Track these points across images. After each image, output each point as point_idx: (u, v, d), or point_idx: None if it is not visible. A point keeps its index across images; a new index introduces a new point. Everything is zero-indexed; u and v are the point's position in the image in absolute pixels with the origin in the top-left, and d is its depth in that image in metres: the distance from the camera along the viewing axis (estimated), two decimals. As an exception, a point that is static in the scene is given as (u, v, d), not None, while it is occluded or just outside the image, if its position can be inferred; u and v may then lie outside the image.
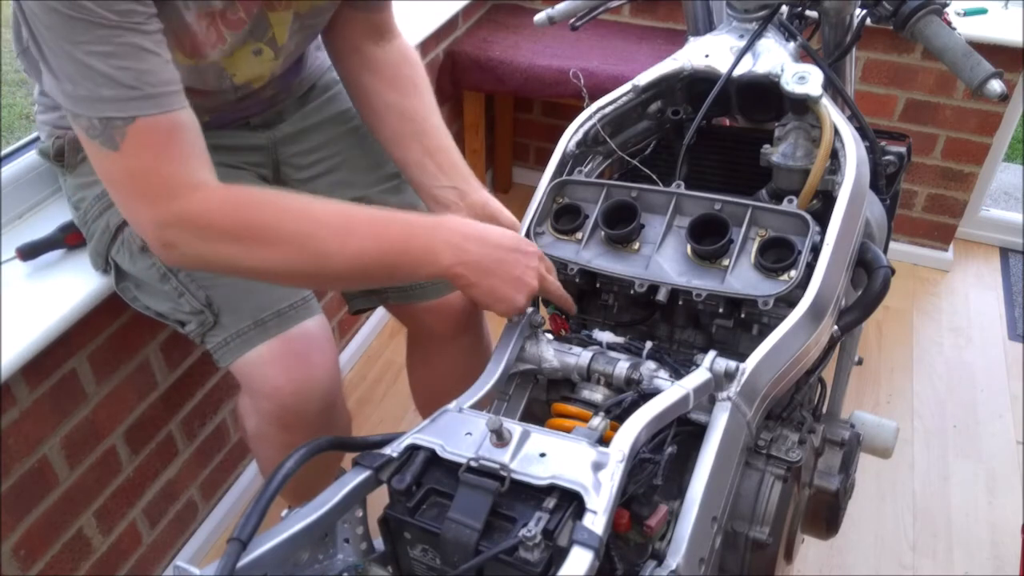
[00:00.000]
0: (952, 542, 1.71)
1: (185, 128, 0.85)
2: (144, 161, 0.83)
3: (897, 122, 2.35)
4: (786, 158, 0.98)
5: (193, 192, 0.85)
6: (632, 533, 0.72)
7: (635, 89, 1.06)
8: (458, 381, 0.92)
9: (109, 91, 0.80)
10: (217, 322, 1.09)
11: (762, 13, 1.05)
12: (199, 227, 0.85)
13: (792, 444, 0.87)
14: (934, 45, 0.97)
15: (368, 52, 1.16)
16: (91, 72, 0.79)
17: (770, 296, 0.85)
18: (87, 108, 0.81)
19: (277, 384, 1.09)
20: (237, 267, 0.89)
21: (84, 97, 0.80)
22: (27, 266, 1.20)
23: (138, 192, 0.84)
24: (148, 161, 0.83)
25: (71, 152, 1.13)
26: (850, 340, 1.29)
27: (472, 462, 0.68)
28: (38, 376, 1.19)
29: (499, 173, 2.80)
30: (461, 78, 2.30)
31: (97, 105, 0.81)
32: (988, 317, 2.34)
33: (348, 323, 2.11)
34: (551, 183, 0.99)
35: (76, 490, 1.31)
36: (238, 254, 0.86)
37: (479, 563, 0.63)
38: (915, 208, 2.49)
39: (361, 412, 1.98)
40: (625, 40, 2.37)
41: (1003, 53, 2.10)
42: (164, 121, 0.83)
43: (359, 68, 1.16)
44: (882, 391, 2.08)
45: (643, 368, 0.83)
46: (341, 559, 0.75)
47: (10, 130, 3.59)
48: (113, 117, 0.81)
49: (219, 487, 1.71)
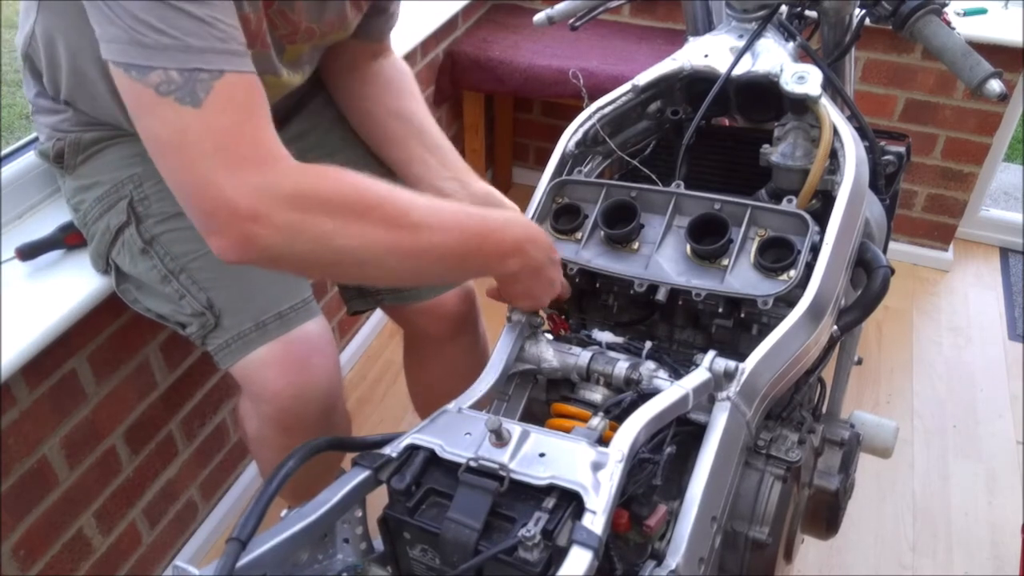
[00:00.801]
0: (952, 542, 1.71)
1: (262, 92, 0.79)
2: (231, 120, 0.75)
3: (897, 122, 2.35)
4: (785, 158, 0.98)
5: (282, 160, 0.77)
6: (631, 533, 0.72)
7: (634, 89, 1.06)
8: (455, 383, 0.92)
9: (199, 41, 0.73)
10: (218, 324, 1.09)
11: (761, 13, 1.05)
12: (294, 195, 0.75)
13: (792, 444, 0.87)
14: (933, 45, 0.97)
15: (363, 67, 1.20)
16: (182, 19, 0.72)
17: (769, 296, 0.85)
18: (168, 59, 0.72)
19: (277, 387, 1.09)
20: (330, 244, 0.78)
21: (167, 47, 0.72)
22: (27, 266, 1.20)
23: (225, 154, 0.74)
24: (236, 120, 0.75)
25: (71, 154, 1.13)
26: (850, 340, 1.29)
27: (471, 462, 0.68)
28: (38, 376, 1.19)
29: (499, 173, 2.80)
30: (461, 78, 2.31)
31: (182, 56, 0.73)
32: (988, 317, 2.34)
33: (348, 323, 2.11)
34: (551, 183, 0.99)
35: (76, 490, 1.32)
36: (333, 229, 0.77)
37: (478, 563, 0.63)
38: (915, 208, 2.49)
39: (361, 412, 1.98)
40: (625, 40, 2.37)
41: (1003, 53, 2.10)
42: (248, 80, 0.77)
43: (354, 81, 1.20)
44: (882, 391, 2.08)
45: (642, 368, 0.83)
46: (340, 559, 0.75)
47: (10, 130, 3.60)
48: (200, 68, 0.73)
49: (219, 487, 1.71)
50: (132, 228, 1.09)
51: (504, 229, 0.87)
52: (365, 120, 1.20)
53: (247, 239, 0.75)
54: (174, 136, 0.74)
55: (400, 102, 1.18)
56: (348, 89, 1.21)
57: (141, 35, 0.72)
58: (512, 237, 0.87)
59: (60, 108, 1.10)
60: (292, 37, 1.01)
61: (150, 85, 0.73)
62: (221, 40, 0.75)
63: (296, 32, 1.01)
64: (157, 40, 0.72)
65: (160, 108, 0.74)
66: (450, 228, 0.83)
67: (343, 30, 1.08)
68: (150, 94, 0.73)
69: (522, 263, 0.87)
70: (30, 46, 1.04)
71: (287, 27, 0.99)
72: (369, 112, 1.19)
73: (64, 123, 1.11)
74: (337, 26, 1.06)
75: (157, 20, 0.72)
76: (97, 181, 1.11)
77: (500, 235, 0.86)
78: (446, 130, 1.64)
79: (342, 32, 1.08)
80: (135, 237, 1.09)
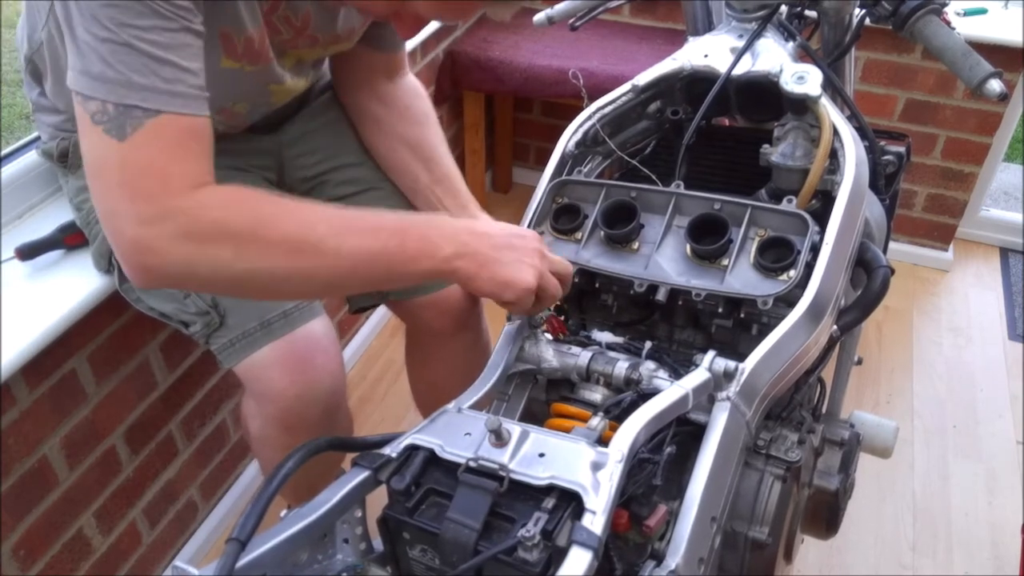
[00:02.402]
0: (952, 542, 1.71)
1: (202, 134, 0.82)
2: (148, 156, 0.78)
3: (897, 122, 2.35)
4: (785, 158, 0.98)
5: (191, 190, 0.79)
6: (631, 533, 0.72)
7: (634, 89, 1.06)
8: (458, 378, 0.92)
9: (142, 79, 0.76)
10: (223, 323, 1.09)
11: (761, 13, 1.05)
12: (189, 224, 0.78)
13: (791, 444, 0.87)
14: (933, 45, 0.97)
15: (380, 87, 1.21)
16: (131, 56, 0.75)
17: (769, 296, 0.85)
18: (108, 92, 0.76)
19: (281, 386, 1.09)
20: (223, 272, 0.80)
21: (111, 80, 0.75)
22: (26, 266, 1.20)
23: (128, 186, 0.77)
24: (152, 157, 0.78)
25: (75, 154, 1.13)
26: (849, 340, 1.29)
27: (471, 462, 0.68)
28: (38, 376, 1.19)
29: (499, 173, 2.80)
30: (461, 78, 2.31)
31: (121, 91, 0.76)
32: (988, 317, 2.34)
33: (348, 322, 2.11)
34: (550, 183, 0.99)
35: (76, 490, 1.32)
36: (227, 256, 0.79)
37: (478, 563, 0.63)
38: (915, 208, 2.49)
39: (362, 411, 1.98)
40: (625, 40, 2.37)
41: (1003, 53, 2.10)
42: (186, 123, 0.79)
43: (369, 99, 1.21)
44: (882, 391, 2.08)
45: (642, 368, 0.83)
46: (340, 559, 0.75)
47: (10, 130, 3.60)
48: (136, 106, 0.76)
49: (219, 487, 1.71)
50: None
51: (428, 224, 0.86)
52: (376, 144, 1.23)
53: (145, 269, 0.79)
54: (95, 163, 0.79)
55: (413, 129, 1.21)
56: (363, 109, 1.22)
57: (91, 64, 0.76)
58: (439, 230, 0.85)
59: (61, 109, 1.10)
60: (295, 42, 1.02)
61: (88, 112, 0.77)
62: (166, 81, 0.77)
63: (299, 36, 1.01)
64: (102, 72, 0.76)
65: (91, 134, 0.78)
66: (362, 233, 0.82)
67: (348, 41, 1.09)
68: (87, 120, 0.78)
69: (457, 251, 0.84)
70: (36, 52, 1.04)
71: (289, 31, 0.99)
72: (382, 135, 1.22)
73: (67, 123, 1.11)
74: (343, 38, 1.07)
75: (108, 53, 0.75)
76: None
77: (423, 229, 0.85)
78: (446, 130, 1.64)
79: (346, 43, 1.09)
80: None
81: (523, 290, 0.85)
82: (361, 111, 1.22)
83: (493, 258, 0.85)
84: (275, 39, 0.98)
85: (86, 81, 0.77)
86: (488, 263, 0.84)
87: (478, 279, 0.85)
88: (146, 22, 0.75)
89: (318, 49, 1.07)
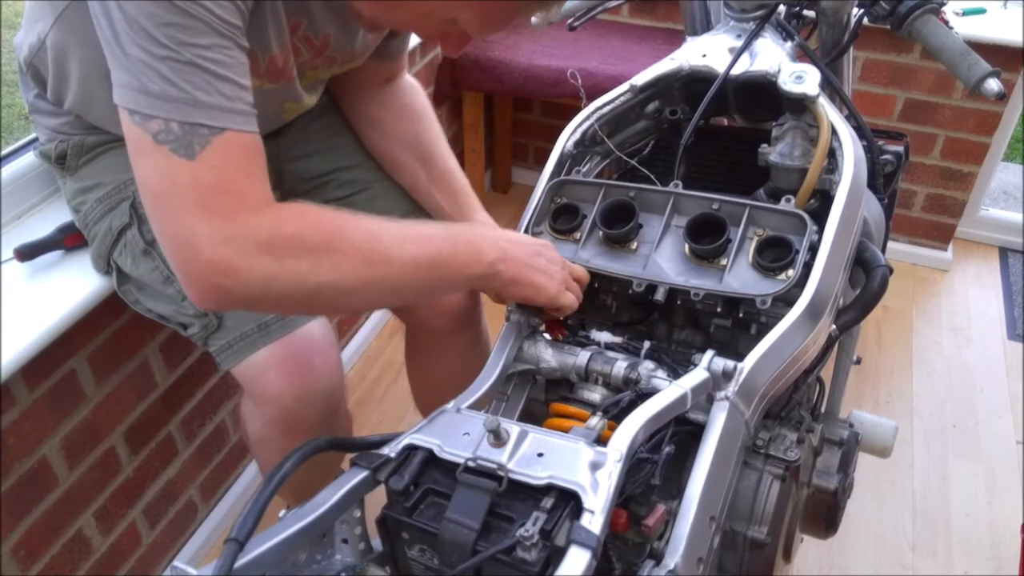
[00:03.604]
0: (952, 542, 1.71)
1: (261, 151, 0.82)
2: (221, 174, 0.77)
3: (896, 122, 2.35)
4: (783, 157, 0.98)
5: (265, 207, 0.79)
6: (630, 533, 0.72)
7: (633, 89, 1.07)
8: (457, 378, 0.93)
9: (208, 97, 0.75)
10: (221, 325, 1.09)
11: (759, 13, 1.05)
12: (269, 240, 0.77)
13: (790, 443, 0.87)
14: (931, 44, 0.97)
15: (378, 91, 1.22)
16: (195, 74, 0.74)
17: (768, 295, 0.85)
18: (172, 110, 0.74)
19: (280, 388, 1.09)
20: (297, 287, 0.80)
21: (175, 98, 0.74)
22: (26, 267, 1.20)
23: (204, 205, 0.76)
24: (225, 175, 0.77)
25: (73, 156, 1.13)
26: (848, 339, 1.29)
27: (470, 462, 0.68)
28: (38, 376, 1.19)
29: (498, 173, 2.81)
30: (460, 78, 2.31)
31: (187, 109, 0.75)
32: (988, 317, 2.34)
33: (348, 323, 2.11)
34: (549, 183, 0.99)
35: (76, 490, 1.32)
36: (304, 270, 0.79)
37: (477, 563, 0.63)
38: (914, 208, 2.49)
39: (361, 412, 1.98)
40: (624, 40, 2.37)
41: (1002, 53, 2.10)
42: (247, 139, 0.79)
43: (368, 104, 1.22)
44: (881, 391, 2.08)
45: (641, 368, 0.84)
46: (339, 559, 0.75)
47: (10, 130, 3.60)
48: (202, 124, 0.75)
49: (219, 487, 1.71)
50: (134, 229, 1.09)
51: (472, 231, 0.92)
52: (375, 145, 1.24)
53: (222, 290, 0.77)
54: (161, 184, 0.77)
55: (410, 127, 1.22)
56: (361, 113, 1.23)
57: (150, 82, 0.74)
58: (481, 237, 0.90)
59: (61, 112, 1.10)
60: (313, 63, 1.03)
61: (149, 132, 0.75)
62: (228, 99, 0.77)
63: (318, 56, 1.02)
64: (164, 90, 0.74)
65: (154, 155, 0.76)
66: (418, 242, 0.85)
67: (362, 58, 1.10)
68: (148, 140, 0.75)
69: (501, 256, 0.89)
70: (36, 56, 1.04)
71: (309, 51, 1.00)
72: (379, 138, 1.23)
73: (66, 126, 1.11)
74: (359, 56, 1.08)
75: (171, 72, 0.74)
76: (99, 182, 1.11)
77: (469, 236, 0.89)
78: (446, 130, 1.64)
79: (360, 60, 1.10)
80: (137, 238, 1.09)
81: (554, 294, 0.90)
82: (359, 115, 1.24)
83: (529, 264, 0.90)
84: (296, 60, 0.99)
85: (146, 99, 0.75)
86: (525, 268, 0.89)
87: (517, 283, 0.89)
88: (206, 40, 0.75)
89: (335, 68, 1.07)
